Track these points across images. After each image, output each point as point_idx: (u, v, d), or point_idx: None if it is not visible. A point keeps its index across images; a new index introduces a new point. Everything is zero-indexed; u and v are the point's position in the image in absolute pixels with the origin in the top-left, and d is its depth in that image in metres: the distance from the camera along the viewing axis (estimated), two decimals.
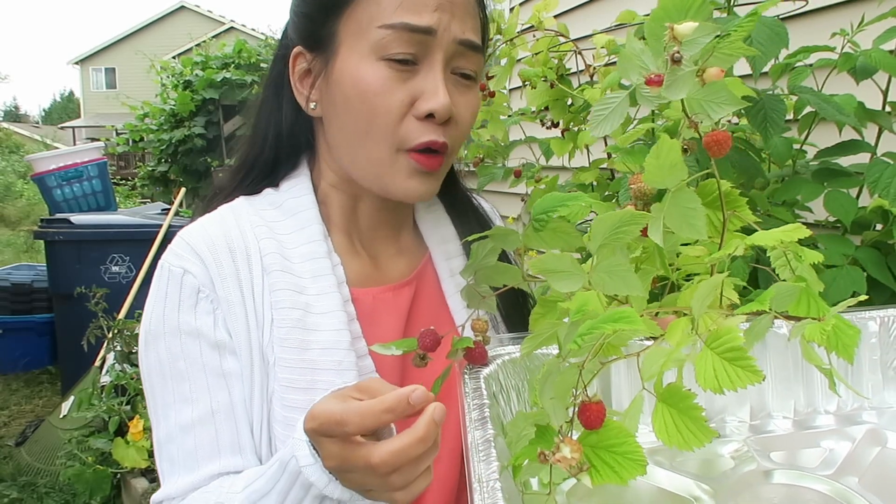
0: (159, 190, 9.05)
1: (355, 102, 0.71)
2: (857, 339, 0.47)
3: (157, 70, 9.18)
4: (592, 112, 0.50)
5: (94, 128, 23.29)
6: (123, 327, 2.88)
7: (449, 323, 0.82)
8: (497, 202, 2.79)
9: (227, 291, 0.71)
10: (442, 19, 0.70)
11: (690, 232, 0.46)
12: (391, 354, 0.63)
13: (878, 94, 1.16)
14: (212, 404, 0.70)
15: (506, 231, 0.62)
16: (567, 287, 0.49)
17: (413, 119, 0.71)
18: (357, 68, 0.71)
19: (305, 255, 0.75)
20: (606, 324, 0.41)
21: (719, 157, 0.46)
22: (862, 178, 1.09)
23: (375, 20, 0.70)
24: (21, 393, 4.06)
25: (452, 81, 0.74)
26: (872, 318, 0.73)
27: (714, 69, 0.44)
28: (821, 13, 1.63)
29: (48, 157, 4.98)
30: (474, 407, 0.56)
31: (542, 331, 0.52)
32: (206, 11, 27.13)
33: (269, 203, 0.80)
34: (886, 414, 0.72)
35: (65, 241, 3.60)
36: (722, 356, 0.43)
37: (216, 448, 0.70)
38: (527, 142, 1.84)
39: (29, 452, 2.90)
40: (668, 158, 0.46)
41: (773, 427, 0.71)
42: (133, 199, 11.14)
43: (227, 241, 0.74)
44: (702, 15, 0.46)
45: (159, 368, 0.72)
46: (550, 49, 1.46)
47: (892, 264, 1.05)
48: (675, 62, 0.43)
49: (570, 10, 2.73)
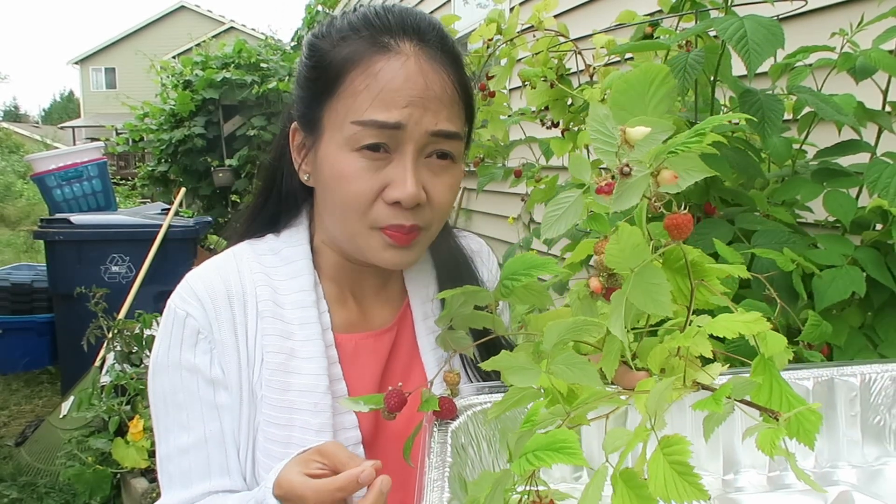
0: (159, 190, 9.04)
1: (332, 185, 0.78)
2: (819, 425, 0.48)
3: (157, 70, 9.17)
4: (545, 213, 0.49)
5: (93, 128, 23.28)
6: (123, 327, 2.88)
7: (419, 365, 0.88)
8: (497, 202, 2.78)
9: (222, 334, 0.80)
10: (413, 114, 0.74)
11: (656, 308, 0.46)
12: (360, 410, 0.68)
13: (878, 94, 1.16)
14: (205, 432, 0.80)
15: (475, 289, 0.65)
16: (524, 382, 0.51)
17: (383, 203, 0.76)
18: (335, 156, 0.77)
19: (295, 302, 0.82)
20: (547, 453, 0.44)
21: (680, 239, 0.46)
22: (861, 178, 1.09)
23: (350, 115, 0.75)
24: (21, 393, 4.06)
25: (427, 166, 0.77)
26: (854, 374, 0.72)
27: (668, 172, 0.43)
28: (820, 13, 1.63)
29: (48, 156, 4.97)
30: (436, 465, 0.57)
31: (511, 395, 0.54)
32: (206, 11, 27.12)
33: (269, 249, 0.87)
34: (864, 471, 0.71)
35: (65, 241, 3.60)
36: (672, 466, 0.43)
37: (207, 470, 0.79)
38: (527, 142, 1.84)
39: (29, 452, 2.90)
40: (629, 242, 0.46)
41: (746, 483, 0.71)
42: (133, 198, 11.14)
43: (227, 287, 0.82)
44: (664, 88, 0.46)
45: (163, 397, 0.81)
46: (550, 49, 1.47)
47: (892, 264, 1.05)
48: (625, 175, 0.43)
49: (570, 10, 2.73)
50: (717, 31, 0.97)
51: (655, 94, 0.46)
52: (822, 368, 0.73)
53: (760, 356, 0.50)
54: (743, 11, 1.04)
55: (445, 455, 0.58)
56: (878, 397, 0.72)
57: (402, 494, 0.82)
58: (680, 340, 0.48)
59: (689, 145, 0.43)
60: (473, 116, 0.85)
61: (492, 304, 0.64)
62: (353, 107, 0.74)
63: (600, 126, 0.46)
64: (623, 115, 0.46)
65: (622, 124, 0.45)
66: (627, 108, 0.46)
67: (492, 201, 3.29)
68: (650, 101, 0.46)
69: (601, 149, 0.46)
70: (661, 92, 0.46)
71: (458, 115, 0.79)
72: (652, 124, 0.43)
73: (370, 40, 0.75)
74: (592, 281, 0.48)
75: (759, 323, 0.47)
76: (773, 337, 0.50)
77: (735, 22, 0.96)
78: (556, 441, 0.44)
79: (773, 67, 1.24)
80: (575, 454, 0.43)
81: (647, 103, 0.46)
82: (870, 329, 1.08)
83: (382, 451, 0.82)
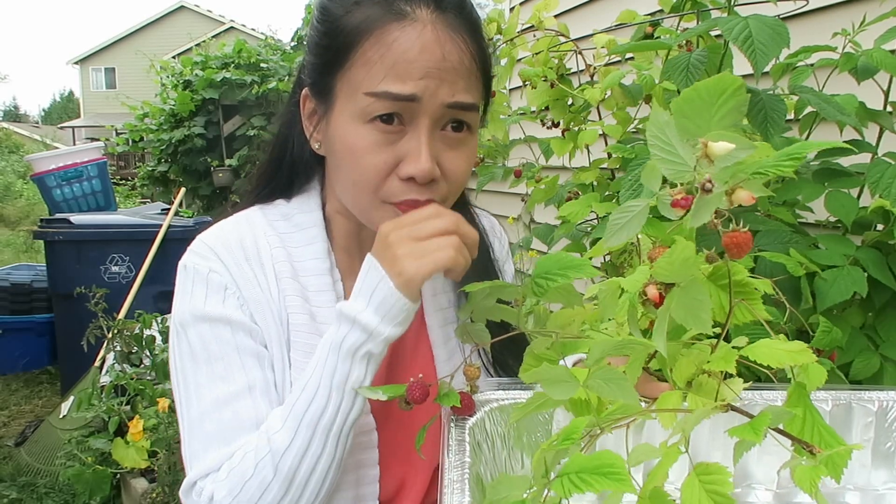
0: (159, 190, 9.04)
1: (344, 158, 0.74)
2: (847, 459, 0.47)
3: (157, 70, 9.16)
4: (611, 219, 0.47)
5: (93, 128, 23.27)
6: (123, 327, 2.87)
7: (426, 341, 0.86)
8: (497, 202, 2.78)
9: (250, 292, 0.75)
10: (429, 86, 0.70)
11: (696, 324, 0.45)
12: (377, 399, 0.66)
13: (880, 94, 1.16)
14: (248, 380, 0.72)
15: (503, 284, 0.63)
16: (561, 395, 0.49)
17: (396, 178, 0.73)
18: (346, 128, 0.73)
19: (311, 269, 0.80)
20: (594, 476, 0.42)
21: (739, 258, 0.44)
22: (863, 179, 1.09)
23: (363, 86, 0.71)
24: (21, 393, 4.05)
25: (443, 139, 0.75)
26: (871, 400, 0.72)
27: (745, 193, 0.42)
28: (822, 13, 1.63)
29: (48, 156, 4.96)
30: (455, 466, 0.57)
31: (534, 400, 0.53)
32: (206, 11, 27.10)
33: (280, 215, 0.84)
34: (869, 495, 0.72)
35: (64, 241, 3.59)
36: (710, 495, 0.42)
37: (254, 421, 0.71)
38: (527, 141, 1.84)
39: (28, 452, 2.89)
40: (681, 256, 0.45)
41: (754, 498, 0.71)
42: (133, 198, 11.14)
43: (243, 247, 0.78)
44: (734, 101, 0.43)
45: (191, 355, 0.74)
46: (550, 49, 1.46)
47: (893, 264, 1.05)
48: (706, 192, 0.41)
49: (570, 9, 2.73)
50: (723, 31, 0.97)
51: (723, 107, 0.43)
52: (841, 392, 0.73)
53: (797, 385, 0.49)
54: (745, 11, 1.03)
55: (464, 455, 0.58)
56: (892, 424, 0.72)
57: (406, 468, 0.82)
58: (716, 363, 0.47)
59: (781, 168, 0.42)
60: (491, 84, 0.82)
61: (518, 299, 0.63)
62: (366, 78, 0.71)
63: (660, 132, 0.44)
64: (685, 124, 0.44)
65: (684, 132, 0.43)
66: (691, 117, 0.44)
67: (492, 201, 3.29)
68: (717, 113, 0.43)
69: (659, 156, 0.44)
70: (729, 104, 0.43)
71: (475, 85, 0.76)
72: (732, 140, 0.41)
73: (384, 6, 0.71)
74: (651, 289, 0.46)
75: (804, 354, 0.46)
76: (815, 368, 0.48)
77: (740, 22, 0.96)
78: (603, 465, 0.43)
79: (774, 67, 1.24)
80: (624, 481, 0.41)
81: (714, 115, 0.43)
82: (871, 329, 1.08)
83: (390, 423, 0.81)
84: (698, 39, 1.22)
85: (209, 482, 0.69)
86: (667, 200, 0.43)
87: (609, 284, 0.49)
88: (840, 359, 1.04)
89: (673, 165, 0.43)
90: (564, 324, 0.66)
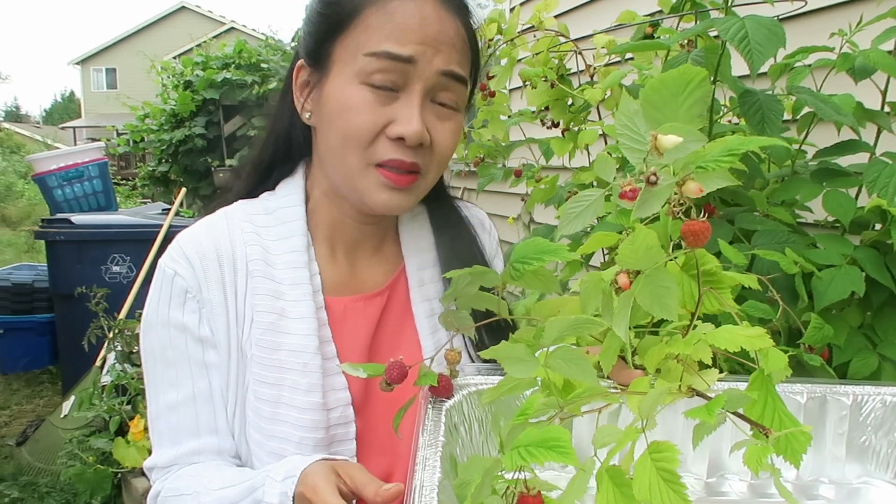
0: (160, 190, 9.05)
1: (336, 117, 0.77)
2: (808, 445, 0.48)
3: (158, 70, 9.18)
4: (565, 209, 0.49)
5: (94, 128, 23.28)
6: (124, 327, 2.88)
7: (412, 332, 0.88)
8: (497, 202, 2.79)
9: (210, 294, 0.80)
10: (426, 52, 0.75)
11: (661, 311, 0.46)
12: (358, 376, 0.67)
13: (877, 94, 1.17)
14: (193, 390, 0.80)
15: (483, 270, 0.64)
16: (521, 373, 0.50)
17: (385, 139, 0.76)
18: (342, 89, 0.77)
19: (287, 262, 0.82)
20: (539, 450, 0.44)
21: (697, 246, 0.45)
22: (861, 178, 1.10)
23: (363, 48, 0.75)
24: (22, 393, 4.06)
25: (432, 110, 0.78)
26: (846, 393, 0.73)
27: (694, 185, 0.43)
28: (819, 13, 1.63)
29: (49, 157, 4.97)
30: (429, 444, 0.57)
31: (506, 382, 0.54)
32: (207, 12, 27.13)
33: (262, 208, 0.86)
34: (843, 489, 0.72)
35: (66, 241, 3.60)
36: (659, 472, 0.43)
37: (196, 428, 0.80)
38: (527, 142, 1.84)
39: (30, 452, 2.90)
40: (643, 243, 0.45)
41: (728, 489, 0.71)
42: (134, 199, 11.14)
43: (216, 248, 0.81)
44: (699, 91, 0.45)
45: (152, 354, 0.82)
46: (551, 49, 1.47)
47: (891, 264, 1.05)
48: (651, 184, 0.43)
49: (570, 10, 2.73)
50: (719, 31, 0.97)
51: (690, 97, 0.45)
52: (816, 385, 0.74)
53: (759, 371, 0.50)
54: (743, 12, 1.04)
55: (439, 434, 0.58)
56: (867, 418, 0.72)
57: (389, 459, 0.83)
58: (681, 347, 0.48)
59: (720, 163, 0.43)
60: (478, 70, 0.86)
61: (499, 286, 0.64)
62: (366, 41, 0.75)
63: (629, 121, 0.46)
64: (653, 114, 0.45)
65: (652, 122, 0.45)
66: (659, 107, 0.45)
67: (492, 201, 3.29)
68: (683, 103, 0.45)
69: (626, 144, 0.45)
70: (695, 94, 0.45)
71: (466, 64, 0.80)
72: (684, 133, 0.42)
73: None
74: (621, 277, 0.47)
75: (762, 339, 0.47)
76: (775, 354, 0.49)
77: (736, 22, 0.97)
78: (549, 438, 0.44)
79: (772, 68, 1.25)
80: (567, 454, 0.43)
81: (680, 104, 0.45)
82: (869, 329, 1.09)
83: (371, 415, 0.83)
84: (696, 39, 1.22)
85: (160, 479, 0.82)
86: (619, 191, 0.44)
87: (591, 277, 0.50)
88: (838, 358, 1.04)
89: (640, 154, 0.44)
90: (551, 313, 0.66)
